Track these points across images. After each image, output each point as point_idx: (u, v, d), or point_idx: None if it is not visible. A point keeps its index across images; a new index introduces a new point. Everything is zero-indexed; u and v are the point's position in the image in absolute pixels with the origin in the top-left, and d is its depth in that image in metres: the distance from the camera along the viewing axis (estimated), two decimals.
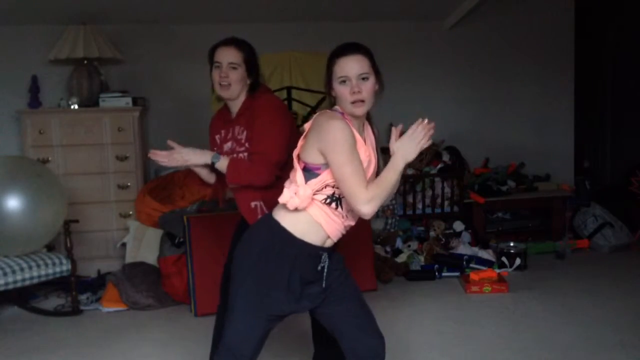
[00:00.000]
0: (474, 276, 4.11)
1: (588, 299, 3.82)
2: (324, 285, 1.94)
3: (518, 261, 4.49)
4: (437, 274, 4.36)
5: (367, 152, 1.96)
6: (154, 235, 4.25)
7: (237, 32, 2.41)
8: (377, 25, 5.47)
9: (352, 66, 1.92)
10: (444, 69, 5.67)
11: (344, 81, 1.92)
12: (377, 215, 4.88)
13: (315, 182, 1.89)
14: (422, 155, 5.05)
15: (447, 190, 5.08)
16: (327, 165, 1.87)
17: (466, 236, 4.86)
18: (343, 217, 1.93)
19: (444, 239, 4.76)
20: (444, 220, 5.02)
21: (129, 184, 4.64)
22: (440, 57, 5.65)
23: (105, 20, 4.83)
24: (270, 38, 4.97)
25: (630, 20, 6.21)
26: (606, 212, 5.22)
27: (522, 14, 5.73)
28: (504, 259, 4.51)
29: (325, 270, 1.95)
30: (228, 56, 2.38)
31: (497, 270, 4.31)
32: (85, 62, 4.68)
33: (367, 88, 1.93)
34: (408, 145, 1.89)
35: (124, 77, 5.01)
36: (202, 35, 2.53)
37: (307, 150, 1.91)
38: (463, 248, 4.63)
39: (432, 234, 4.85)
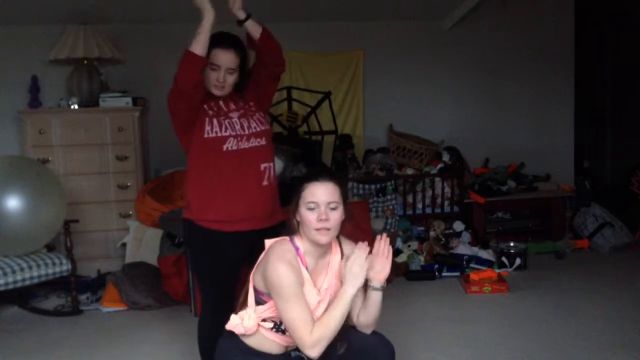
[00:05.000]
0: (474, 276, 4.11)
1: (588, 299, 3.82)
2: None
3: (518, 261, 4.49)
4: (437, 274, 4.36)
5: (324, 285, 1.97)
6: (154, 235, 4.24)
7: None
8: (377, 25, 5.48)
9: (322, 192, 1.90)
10: (443, 69, 5.68)
11: (312, 208, 1.90)
12: (377, 215, 4.88)
13: (262, 310, 1.93)
14: (422, 155, 5.06)
15: (447, 190, 5.08)
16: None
17: (466, 236, 4.86)
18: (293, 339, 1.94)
19: (444, 239, 4.76)
20: (444, 220, 5.01)
21: (129, 184, 4.64)
22: (440, 57, 5.65)
23: (105, 20, 4.83)
24: None
25: (630, 20, 6.21)
26: (606, 212, 5.22)
27: (522, 14, 5.73)
28: (504, 259, 4.51)
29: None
30: (228, 62, 2.35)
31: (497, 270, 4.30)
32: (85, 62, 4.68)
33: (335, 217, 1.91)
34: (356, 272, 1.88)
35: (124, 77, 5.01)
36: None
37: (257, 275, 1.96)
38: (463, 248, 4.62)
39: (432, 234, 4.85)
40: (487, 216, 5.22)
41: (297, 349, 1.99)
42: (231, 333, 1.98)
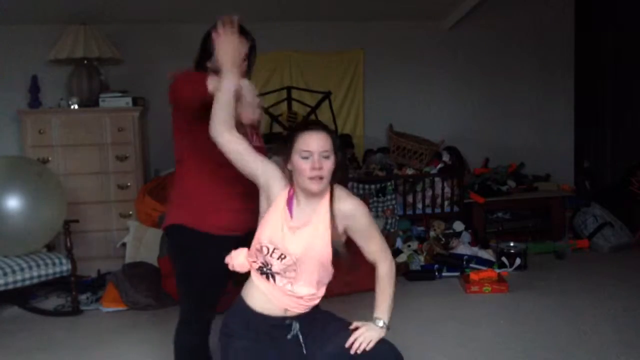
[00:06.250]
0: (474, 276, 4.11)
1: (588, 299, 3.82)
2: (304, 351, 1.95)
3: (518, 261, 4.49)
4: (437, 274, 4.36)
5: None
6: (154, 235, 4.24)
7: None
8: (377, 25, 5.48)
9: (315, 141, 1.91)
10: (444, 69, 5.68)
11: (305, 157, 1.90)
12: (377, 215, 4.88)
13: (252, 245, 1.95)
14: (422, 155, 5.06)
15: (447, 190, 5.08)
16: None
17: (466, 236, 4.86)
18: (283, 290, 1.93)
19: (444, 239, 4.76)
20: (444, 220, 5.02)
21: (129, 184, 4.64)
22: (440, 57, 5.65)
23: (105, 20, 4.83)
24: (270, 38, 4.96)
25: (630, 20, 6.21)
26: (606, 212, 5.22)
27: (522, 14, 5.73)
28: (504, 259, 4.51)
29: (300, 337, 1.96)
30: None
31: (497, 270, 4.30)
32: (85, 62, 4.69)
33: (328, 166, 1.91)
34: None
35: (124, 77, 5.01)
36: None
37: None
38: (463, 248, 4.62)
39: (432, 234, 4.85)
40: (487, 216, 5.22)
41: (293, 318, 1.97)
42: (238, 302, 2.00)
